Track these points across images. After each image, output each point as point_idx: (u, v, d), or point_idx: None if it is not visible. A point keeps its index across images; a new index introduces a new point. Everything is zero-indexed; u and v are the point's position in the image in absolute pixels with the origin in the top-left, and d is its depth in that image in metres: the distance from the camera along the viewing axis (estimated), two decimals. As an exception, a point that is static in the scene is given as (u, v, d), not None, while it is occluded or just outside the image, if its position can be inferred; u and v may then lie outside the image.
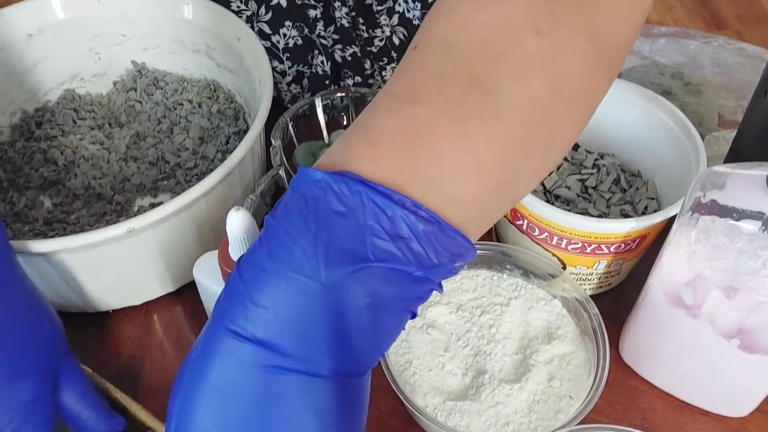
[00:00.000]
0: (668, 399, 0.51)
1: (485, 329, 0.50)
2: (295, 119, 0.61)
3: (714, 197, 0.41)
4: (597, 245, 0.49)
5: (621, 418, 0.50)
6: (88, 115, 0.65)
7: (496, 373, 0.48)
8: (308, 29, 0.64)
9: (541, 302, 0.52)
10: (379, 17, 0.63)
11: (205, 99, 0.65)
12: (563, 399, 0.46)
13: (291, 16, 0.63)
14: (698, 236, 0.42)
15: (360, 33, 0.64)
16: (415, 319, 0.50)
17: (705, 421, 0.49)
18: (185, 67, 0.67)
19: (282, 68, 0.66)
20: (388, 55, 0.66)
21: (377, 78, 0.67)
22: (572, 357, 0.49)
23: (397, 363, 0.48)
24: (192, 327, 0.55)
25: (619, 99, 0.55)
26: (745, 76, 0.67)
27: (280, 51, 0.64)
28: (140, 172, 0.60)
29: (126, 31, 0.65)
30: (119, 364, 0.53)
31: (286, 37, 0.64)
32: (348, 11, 0.62)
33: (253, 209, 0.53)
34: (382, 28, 0.64)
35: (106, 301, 0.54)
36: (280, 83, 0.67)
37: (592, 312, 0.49)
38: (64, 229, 0.56)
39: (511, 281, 0.53)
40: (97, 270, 0.50)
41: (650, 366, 0.51)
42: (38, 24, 0.62)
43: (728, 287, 0.42)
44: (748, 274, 0.41)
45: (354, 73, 0.66)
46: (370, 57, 0.66)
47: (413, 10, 0.62)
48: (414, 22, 0.63)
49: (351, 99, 0.62)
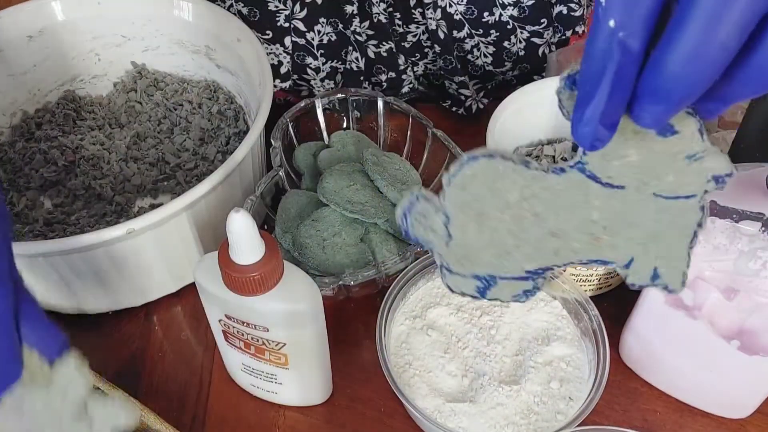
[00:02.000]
0: (668, 400, 0.51)
1: (485, 330, 0.50)
2: (295, 120, 0.61)
3: (714, 198, 0.41)
4: (597, 246, 0.49)
5: (621, 420, 0.50)
6: (88, 116, 0.65)
7: (496, 374, 0.48)
8: (343, 25, 0.64)
9: (541, 303, 0.52)
10: (415, 12, 0.64)
11: (205, 100, 0.65)
12: (563, 400, 0.46)
13: (326, 12, 0.64)
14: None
15: (396, 29, 0.65)
16: (415, 320, 0.50)
17: (705, 422, 0.49)
18: (185, 68, 0.67)
19: (316, 65, 0.66)
20: (421, 51, 0.66)
21: (409, 74, 0.67)
22: (572, 358, 0.49)
23: (396, 364, 0.48)
24: (192, 328, 0.55)
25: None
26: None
27: (314, 48, 0.65)
28: (140, 172, 0.60)
29: (126, 32, 0.65)
30: (119, 365, 0.53)
31: (320, 34, 0.64)
32: (386, 7, 0.63)
33: (253, 210, 0.53)
34: (417, 24, 0.65)
35: (106, 303, 0.54)
36: (314, 80, 0.67)
37: (592, 313, 0.49)
38: (64, 230, 0.56)
39: (511, 282, 0.53)
40: (97, 271, 0.50)
41: (650, 367, 0.51)
42: (38, 25, 0.62)
43: (728, 288, 0.42)
44: (748, 275, 0.41)
45: (387, 69, 0.66)
46: (404, 53, 0.66)
47: (456, 5, 0.62)
48: (455, 17, 0.63)
49: (351, 100, 0.62)
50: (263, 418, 0.50)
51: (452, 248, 0.34)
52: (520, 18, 0.64)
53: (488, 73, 0.68)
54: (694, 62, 0.25)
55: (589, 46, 0.27)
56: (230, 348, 0.47)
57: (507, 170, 0.32)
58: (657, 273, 0.33)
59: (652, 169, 0.31)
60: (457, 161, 0.32)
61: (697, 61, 0.25)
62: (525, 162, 0.32)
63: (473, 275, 0.34)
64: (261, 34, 0.64)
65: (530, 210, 0.33)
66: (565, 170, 0.32)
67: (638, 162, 0.31)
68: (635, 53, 0.26)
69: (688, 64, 0.25)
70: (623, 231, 0.33)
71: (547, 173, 0.32)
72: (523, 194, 0.33)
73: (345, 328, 0.55)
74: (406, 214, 0.33)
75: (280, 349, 0.44)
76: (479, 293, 0.35)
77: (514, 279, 0.35)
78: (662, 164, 0.31)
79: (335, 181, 0.54)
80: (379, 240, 0.54)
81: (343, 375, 0.52)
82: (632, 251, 0.33)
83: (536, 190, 0.32)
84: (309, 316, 0.43)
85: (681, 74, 0.25)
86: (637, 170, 0.31)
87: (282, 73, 0.66)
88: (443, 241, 0.33)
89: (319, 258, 0.53)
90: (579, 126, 0.28)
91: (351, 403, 0.51)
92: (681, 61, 0.25)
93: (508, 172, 0.32)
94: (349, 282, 0.50)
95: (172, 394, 0.51)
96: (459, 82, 0.66)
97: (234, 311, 0.43)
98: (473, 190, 0.33)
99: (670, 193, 0.32)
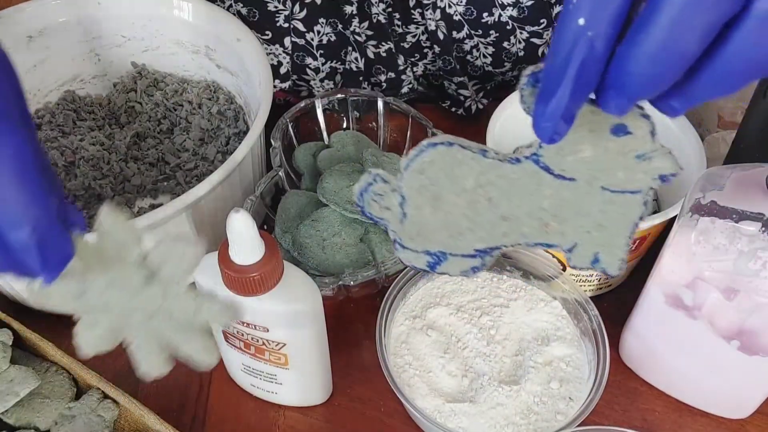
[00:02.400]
0: (668, 400, 0.51)
1: (485, 331, 0.50)
2: (295, 120, 0.61)
3: (714, 198, 0.41)
4: (597, 246, 0.49)
5: (621, 420, 0.50)
6: (88, 116, 0.65)
7: (495, 374, 0.48)
8: (342, 25, 0.64)
9: (540, 304, 0.52)
10: (415, 12, 0.64)
11: (205, 100, 0.65)
12: (563, 400, 0.46)
13: (325, 13, 0.64)
14: (698, 237, 0.42)
15: (395, 29, 0.65)
16: (415, 320, 0.50)
17: (705, 422, 0.49)
18: (185, 68, 0.67)
19: (315, 65, 0.66)
20: (421, 51, 0.66)
21: (408, 74, 0.67)
22: (572, 358, 0.49)
23: (396, 364, 0.48)
24: (192, 328, 0.55)
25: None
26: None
27: (314, 48, 0.65)
28: (140, 173, 0.60)
29: (126, 33, 0.65)
30: (119, 365, 0.53)
31: (319, 35, 0.64)
32: (385, 7, 0.63)
33: (253, 210, 0.53)
34: (416, 24, 0.65)
35: (106, 303, 0.54)
36: (313, 80, 0.67)
37: (592, 313, 0.49)
38: (64, 231, 0.56)
39: (511, 283, 0.53)
40: (97, 271, 0.50)
41: (650, 367, 0.51)
42: (38, 26, 0.62)
43: (728, 288, 0.42)
44: (747, 275, 0.41)
45: (387, 69, 0.66)
46: (403, 53, 0.66)
47: (455, 6, 0.63)
48: (455, 17, 0.63)
49: (351, 101, 0.62)
50: (263, 418, 0.50)
51: (406, 226, 0.35)
52: (519, 18, 0.64)
53: (488, 73, 0.68)
54: (656, 63, 0.26)
55: (555, 43, 0.28)
56: (230, 348, 0.47)
57: (465, 158, 0.34)
58: (597, 258, 0.36)
59: (603, 165, 0.33)
60: (417, 147, 0.34)
61: (658, 61, 0.26)
62: (483, 151, 0.34)
63: (425, 251, 0.36)
64: (260, 35, 0.64)
65: (485, 195, 0.35)
66: (520, 160, 0.34)
67: (591, 158, 0.33)
68: (600, 52, 0.27)
69: (650, 64, 0.26)
70: (571, 219, 0.35)
71: (503, 162, 0.34)
72: (478, 181, 0.34)
73: (345, 328, 0.55)
74: (362, 193, 0.35)
75: (280, 350, 0.44)
76: (429, 267, 0.37)
77: (463, 256, 0.37)
78: (613, 161, 0.33)
79: (335, 181, 0.54)
80: (379, 240, 0.54)
81: (343, 375, 0.52)
82: (577, 238, 0.35)
83: (492, 177, 0.34)
84: (309, 316, 0.43)
85: (643, 73, 0.26)
86: (589, 165, 0.33)
87: (281, 73, 0.66)
88: (398, 219, 0.35)
89: (319, 258, 0.53)
90: (541, 120, 0.29)
91: (351, 403, 0.51)
92: (643, 60, 0.26)
93: (466, 160, 0.34)
94: (349, 282, 0.50)
95: (172, 394, 0.51)
96: (458, 83, 0.66)
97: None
98: (430, 174, 0.34)
99: (617, 188, 0.34)
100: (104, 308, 0.34)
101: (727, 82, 0.26)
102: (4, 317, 0.50)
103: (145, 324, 0.34)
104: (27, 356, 0.49)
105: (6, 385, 0.45)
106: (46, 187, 0.29)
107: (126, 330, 0.34)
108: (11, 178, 0.28)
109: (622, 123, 0.32)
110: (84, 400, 0.46)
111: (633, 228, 0.35)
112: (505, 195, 0.35)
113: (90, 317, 0.34)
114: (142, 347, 0.34)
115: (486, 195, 0.35)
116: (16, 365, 0.46)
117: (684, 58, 0.26)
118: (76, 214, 0.33)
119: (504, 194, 0.35)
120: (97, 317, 0.34)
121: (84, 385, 0.48)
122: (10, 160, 0.28)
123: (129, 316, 0.34)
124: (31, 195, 0.28)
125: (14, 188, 0.28)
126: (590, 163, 0.33)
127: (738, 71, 0.26)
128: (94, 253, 0.33)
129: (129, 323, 0.34)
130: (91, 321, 0.34)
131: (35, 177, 0.29)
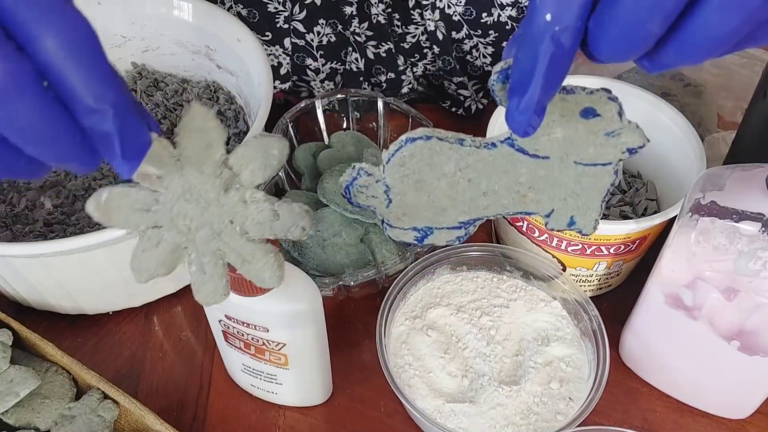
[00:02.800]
0: (668, 400, 0.51)
1: (485, 331, 0.50)
2: (295, 120, 0.61)
3: (714, 198, 0.41)
4: (597, 247, 0.49)
5: (621, 420, 0.50)
6: (88, 117, 0.65)
7: (495, 374, 0.48)
8: (342, 26, 0.64)
9: (540, 304, 0.52)
10: (414, 13, 0.64)
11: (205, 100, 0.65)
12: (563, 401, 0.46)
13: (325, 13, 0.64)
14: (698, 237, 0.42)
15: (395, 29, 0.65)
16: (415, 320, 0.50)
17: (705, 422, 0.49)
18: (185, 68, 0.67)
19: (316, 66, 0.66)
20: (420, 52, 0.66)
21: (408, 74, 0.67)
22: (572, 359, 0.49)
23: (396, 365, 0.48)
24: (192, 328, 0.55)
25: (618, 100, 0.55)
26: (745, 77, 0.67)
27: (314, 49, 0.65)
28: (140, 173, 0.60)
29: (126, 33, 0.65)
30: (119, 365, 0.53)
31: (320, 35, 0.64)
32: (385, 8, 0.63)
33: (253, 210, 0.53)
34: (416, 25, 0.65)
35: (106, 303, 0.54)
36: (313, 81, 0.67)
37: (592, 313, 0.49)
38: (65, 231, 0.56)
39: (511, 283, 0.53)
40: (98, 272, 0.50)
41: (650, 367, 0.51)
42: (38, 25, 0.62)
43: (728, 289, 0.42)
44: (748, 275, 0.41)
45: (387, 69, 0.66)
46: (403, 53, 0.66)
47: (455, 6, 0.63)
48: (454, 18, 0.63)
49: (351, 101, 0.62)
50: (263, 418, 0.50)
51: (392, 209, 0.38)
52: (518, 18, 0.64)
53: (487, 73, 0.68)
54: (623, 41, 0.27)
55: (522, 39, 0.28)
56: (230, 348, 0.47)
57: (443, 148, 0.36)
58: (573, 220, 0.39)
59: (574, 144, 0.35)
60: (396, 141, 0.36)
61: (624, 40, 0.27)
62: (460, 140, 0.36)
63: (412, 228, 0.39)
64: (260, 36, 0.64)
65: (464, 177, 0.37)
66: (496, 145, 0.36)
67: (563, 138, 0.35)
68: (568, 47, 0.27)
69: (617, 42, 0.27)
70: (547, 190, 0.37)
71: (480, 149, 0.36)
72: (458, 165, 0.37)
73: (345, 328, 0.55)
74: (348, 187, 0.37)
75: (280, 350, 0.44)
76: (417, 241, 0.40)
77: (448, 229, 0.40)
78: (584, 139, 0.35)
79: (335, 182, 0.54)
80: (379, 240, 0.54)
81: (343, 375, 0.52)
82: (553, 205, 0.38)
83: (470, 161, 0.36)
84: (309, 316, 0.43)
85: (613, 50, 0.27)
86: (561, 144, 0.35)
87: (282, 74, 0.66)
88: (384, 205, 0.38)
89: (319, 258, 0.53)
90: (515, 115, 0.30)
91: (351, 403, 0.51)
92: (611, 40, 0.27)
93: (444, 150, 0.36)
94: (349, 282, 0.50)
95: (172, 394, 0.51)
96: (458, 83, 0.66)
97: (234, 311, 0.43)
98: (411, 165, 0.36)
99: (589, 161, 0.36)
100: (171, 224, 0.32)
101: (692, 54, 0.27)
102: (4, 317, 0.50)
103: (212, 242, 0.33)
104: (27, 356, 0.49)
105: (6, 385, 0.45)
106: (118, 75, 0.28)
107: (189, 249, 0.33)
108: (90, 57, 0.26)
109: (591, 106, 0.34)
110: (84, 400, 0.46)
111: (606, 192, 0.37)
112: (483, 175, 0.37)
113: (152, 234, 0.33)
114: (205, 269, 0.33)
115: (466, 177, 0.37)
116: (16, 365, 0.46)
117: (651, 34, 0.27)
118: (148, 114, 0.31)
119: (482, 174, 0.37)
120: (161, 234, 0.33)
121: (84, 385, 0.48)
122: (86, 38, 0.26)
123: (196, 232, 0.33)
124: (109, 76, 0.27)
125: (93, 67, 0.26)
126: (562, 142, 0.35)
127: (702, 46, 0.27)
128: (172, 157, 0.31)
129: (194, 240, 0.33)
130: (153, 240, 0.33)
131: (107, 61, 0.27)
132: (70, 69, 0.26)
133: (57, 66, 0.26)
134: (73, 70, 0.26)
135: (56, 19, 0.26)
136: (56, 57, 0.26)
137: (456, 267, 0.53)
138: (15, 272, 0.50)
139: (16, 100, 0.25)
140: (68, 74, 0.26)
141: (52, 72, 0.26)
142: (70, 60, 0.26)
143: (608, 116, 0.34)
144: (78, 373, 0.48)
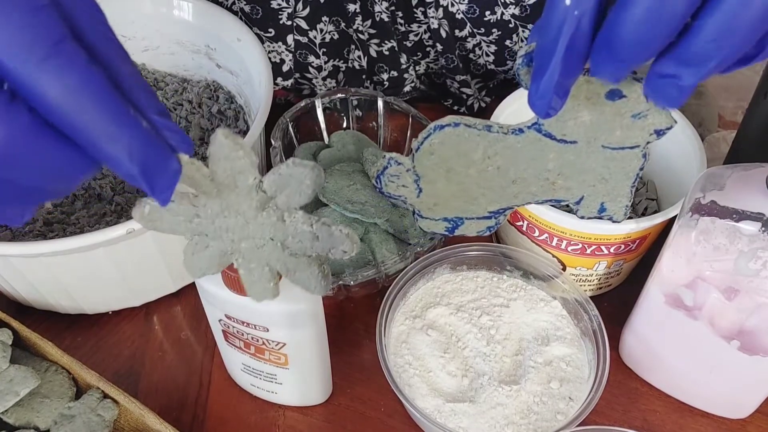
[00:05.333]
0: (668, 400, 0.51)
1: (485, 330, 0.50)
2: (295, 120, 0.61)
3: (714, 198, 0.41)
4: (597, 246, 0.49)
5: (621, 420, 0.50)
6: (88, 116, 0.65)
7: (495, 374, 0.48)
8: (345, 24, 0.64)
9: (540, 303, 0.52)
10: (417, 11, 0.64)
11: (205, 100, 0.65)
12: (563, 400, 0.46)
13: (328, 11, 0.64)
14: (698, 237, 0.42)
15: (398, 27, 0.65)
16: (415, 320, 0.50)
17: (705, 422, 0.49)
18: (185, 67, 0.67)
19: (318, 63, 0.66)
20: (423, 50, 0.67)
21: (411, 73, 0.67)
22: (572, 358, 0.49)
23: (396, 364, 0.48)
24: (192, 328, 0.55)
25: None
26: (746, 77, 0.67)
27: (316, 46, 0.65)
28: (140, 172, 0.60)
29: (126, 32, 0.65)
30: (119, 365, 0.53)
31: (322, 32, 0.64)
32: (388, 6, 0.63)
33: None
34: (419, 23, 0.65)
35: (106, 303, 0.54)
36: (315, 78, 0.67)
37: (592, 313, 0.49)
38: (64, 230, 0.56)
39: (511, 282, 0.53)
40: (97, 271, 0.50)
41: (650, 367, 0.51)
42: (38, 25, 0.62)
43: (728, 288, 0.41)
44: (748, 275, 0.41)
45: (389, 67, 0.66)
46: (406, 51, 0.66)
47: (458, 4, 0.63)
48: (457, 16, 0.63)
49: (351, 100, 0.62)
50: (263, 418, 0.50)
51: (423, 199, 0.38)
52: (521, 17, 0.64)
53: (490, 71, 0.68)
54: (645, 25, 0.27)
55: (543, 22, 0.29)
56: (230, 348, 0.47)
57: (471, 135, 0.36)
58: (603, 207, 0.39)
59: (601, 127, 0.35)
60: (425, 129, 0.36)
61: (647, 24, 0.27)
62: (487, 126, 0.36)
63: (443, 218, 0.39)
64: (263, 32, 0.64)
65: (493, 165, 0.37)
66: (523, 131, 0.36)
67: (590, 121, 0.35)
68: (587, 28, 0.28)
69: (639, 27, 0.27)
70: (575, 176, 0.37)
71: (507, 135, 0.36)
72: (486, 153, 0.37)
73: (345, 328, 0.55)
74: (380, 176, 0.38)
75: (280, 349, 0.44)
76: (448, 232, 0.40)
77: (478, 219, 0.40)
78: (611, 122, 0.35)
79: (335, 181, 0.54)
80: (379, 240, 0.53)
81: (343, 375, 0.52)
82: (583, 191, 0.38)
83: (498, 148, 0.37)
84: (309, 316, 0.43)
85: (633, 37, 0.27)
86: (588, 128, 0.36)
87: (284, 71, 0.66)
88: (414, 195, 0.38)
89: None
90: (535, 97, 0.31)
91: (351, 403, 0.51)
92: (632, 24, 0.27)
93: (472, 136, 0.36)
94: (349, 282, 0.50)
95: (172, 394, 0.51)
96: (461, 81, 0.66)
97: (234, 311, 0.43)
98: (440, 153, 0.37)
99: (617, 145, 0.36)
100: (215, 235, 0.34)
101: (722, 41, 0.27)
102: (4, 317, 0.50)
103: (256, 252, 0.34)
104: (27, 356, 0.49)
105: (6, 384, 0.45)
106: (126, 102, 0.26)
107: (236, 255, 0.34)
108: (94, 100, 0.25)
109: (617, 88, 0.34)
110: (84, 400, 0.46)
111: (635, 177, 0.37)
112: (512, 162, 0.37)
113: (199, 240, 0.34)
114: (253, 273, 0.34)
115: (494, 164, 0.37)
116: (16, 365, 0.46)
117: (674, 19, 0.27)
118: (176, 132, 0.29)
119: (510, 161, 0.37)
120: (207, 241, 0.34)
121: (84, 385, 0.48)
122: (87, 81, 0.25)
123: (239, 243, 0.34)
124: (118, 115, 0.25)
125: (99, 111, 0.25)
126: (589, 126, 0.35)
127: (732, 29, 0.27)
128: (207, 178, 0.32)
129: (239, 249, 0.34)
130: (201, 244, 0.34)
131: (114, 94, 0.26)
132: (74, 120, 0.25)
133: (61, 118, 0.25)
134: (77, 121, 0.25)
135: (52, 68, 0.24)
136: (58, 110, 0.25)
137: (456, 266, 0.53)
138: (15, 272, 0.50)
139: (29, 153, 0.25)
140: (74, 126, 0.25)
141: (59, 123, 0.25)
142: (73, 112, 0.25)
143: (634, 97, 0.34)
144: (78, 373, 0.48)
